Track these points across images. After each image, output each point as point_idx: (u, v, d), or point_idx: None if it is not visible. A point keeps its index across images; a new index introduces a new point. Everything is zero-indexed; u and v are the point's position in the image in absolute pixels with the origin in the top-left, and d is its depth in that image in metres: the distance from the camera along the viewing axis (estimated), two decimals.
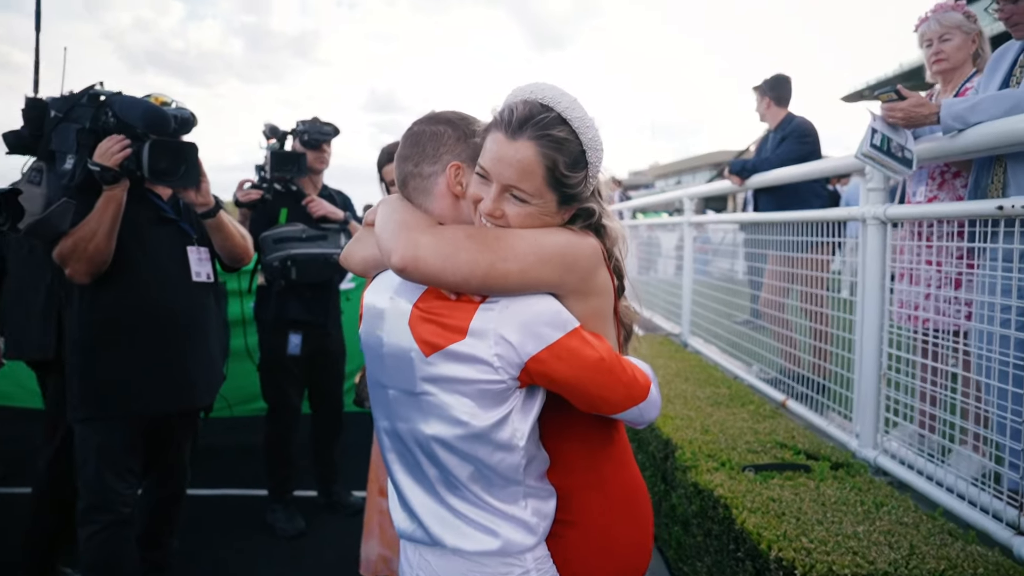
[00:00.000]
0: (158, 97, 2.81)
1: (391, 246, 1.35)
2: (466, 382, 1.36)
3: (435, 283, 1.35)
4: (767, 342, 4.66)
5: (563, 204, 1.42)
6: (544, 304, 1.37)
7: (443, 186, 1.47)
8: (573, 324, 1.37)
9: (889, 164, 2.67)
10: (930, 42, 3.11)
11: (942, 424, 2.87)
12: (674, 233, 8.41)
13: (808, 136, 4.68)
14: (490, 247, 1.33)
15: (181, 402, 2.75)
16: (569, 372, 1.36)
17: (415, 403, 1.45)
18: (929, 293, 2.94)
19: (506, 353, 1.34)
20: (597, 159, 1.43)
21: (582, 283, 1.41)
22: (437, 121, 1.50)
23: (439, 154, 1.47)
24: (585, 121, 1.38)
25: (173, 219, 2.82)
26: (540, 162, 1.34)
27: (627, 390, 1.42)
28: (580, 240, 1.42)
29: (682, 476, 2.89)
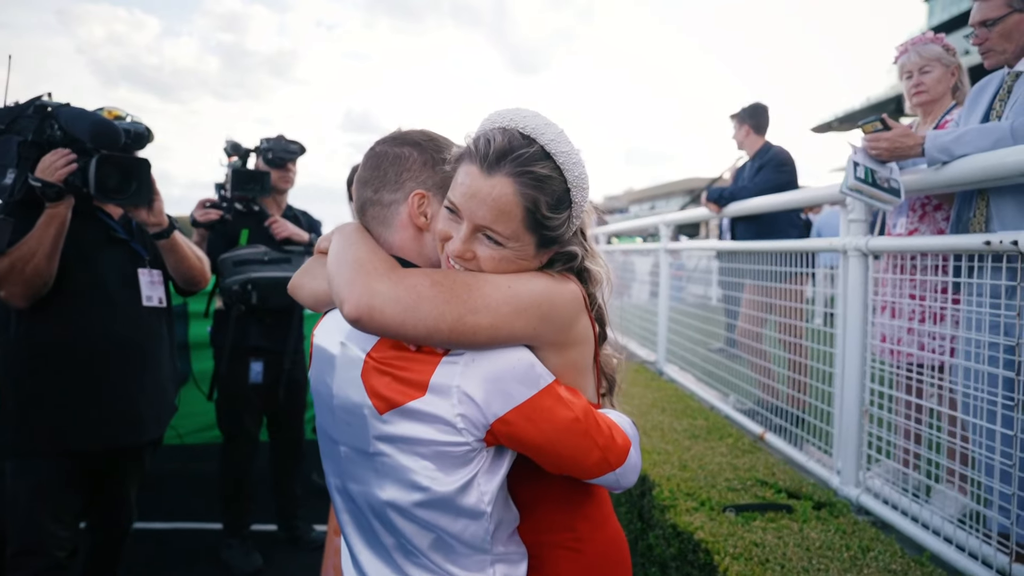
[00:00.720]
0: (112, 111, 2.65)
1: (344, 294, 1.19)
2: (425, 443, 1.21)
3: (394, 336, 1.20)
4: (744, 372, 4.58)
5: (542, 247, 1.29)
6: (515, 357, 1.23)
7: (405, 216, 1.34)
8: (547, 380, 1.24)
9: (877, 195, 2.60)
10: (910, 74, 3.08)
11: (924, 462, 2.78)
12: (648, 258, 8.37)
13: (785, 165, 4.65)
14: (458, 297, 1.19)
15: (126, 437, 2.56)
16: (539, 435, 1.23)
17: (368, 464, 1.29)
18: (911, 328, 2.87)
19: (470, 413, 1.20)
20: (582, 198, 1.29)
21: (560, 334, 1.28)
22: (402, 143, 1.37)
23: (402, 180, 1.34)
24: (571, 156, 1.25)
25: (124, 239, 2.65)
26: (519, 202, 1.21)
27: (603, 454, 1.28)
28: (559, 287, 1.28)
29: (660, 516, 2.76)
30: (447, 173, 1.31)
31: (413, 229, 1.34)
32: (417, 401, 1.20)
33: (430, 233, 1.33)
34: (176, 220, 2.76)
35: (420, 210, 1.32)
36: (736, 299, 4.63)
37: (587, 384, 1.38)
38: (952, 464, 2.68)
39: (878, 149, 2.58)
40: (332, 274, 1.24)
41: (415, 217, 1.33)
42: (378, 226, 1.36)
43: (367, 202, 1.37)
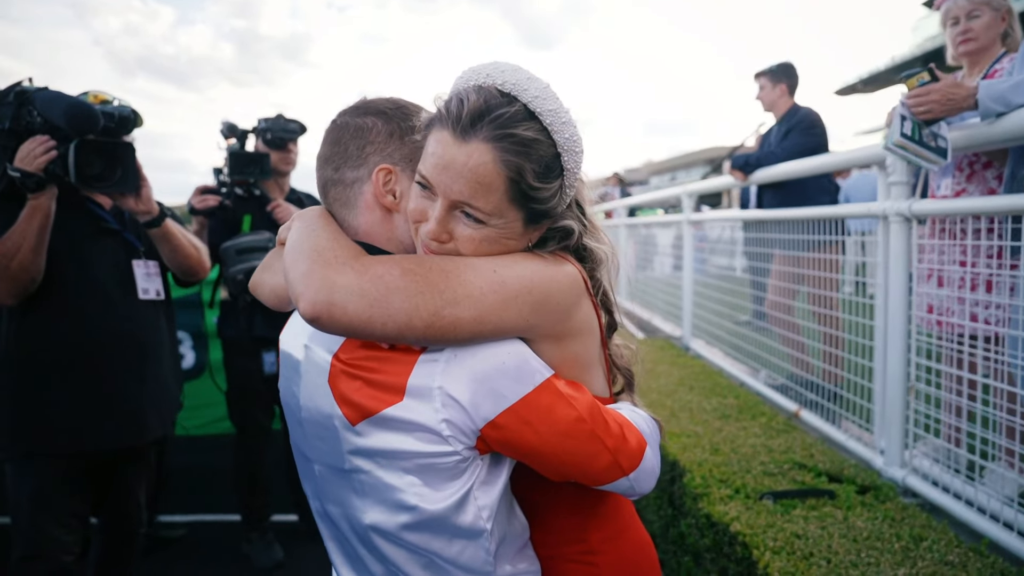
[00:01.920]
0: (98, 94, 2.50)
1: (299, 289, 1.02)
2: (408, 455, 1.05)
3: (360, 336, 1.03)
4: (774, 346, 4.38)
5: (531, 223, 1.11)
6: (504, 350, 1.06)
7: (369, 196, 1.16)
8: (544, 374, 1.08)
9: (922, 154, 2.38)
10: (956, 20, 2.82)
11: (977, 440, 2.59)
12: (670, 230, 8.14)
13: (815, 127, 4.38)
14: (434, 286, 1.02)
15: (128, 437, 2.45)
16: (538, 439, 1.06)
17: (346, 483, 1.13)
18: (961, 297, 2.65)
19: (456, 418, 1.03)
20: (575, 163, 1.10)
21: (557, 325, 1.11)
22: (365, 112, 1.19)
23: (365, 155, 1.16)
24: (560, 115, 1.06)
25: (116, 230, 2.52)
26: (500, 171, 1.02)
27: (613, 457, 1.11)
28: (555, 270, 1.10)
29: (692, 504, 2.60)
30: (418, 143, 1.13)
31: (380, 210, 1.16)
32: (394, 407, 1.04)
33: (401, 214, 1.16)
34: (169, 208, 2.62)
35: (387, 188, 1.15)
36: (763, 270, 4.42)
37: (594, 380, 1.20)
38: (1009, 443, 2.49)
39: (927, 104, 2.35)
40: (288, 267, 1.07)
41: (381, 196, 1.15)
42: (341, 209, 1.19)
43: (328, 182, 1.20)
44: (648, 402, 3.79)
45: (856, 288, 3.76)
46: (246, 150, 3.14)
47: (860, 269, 4.05)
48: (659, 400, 3.83)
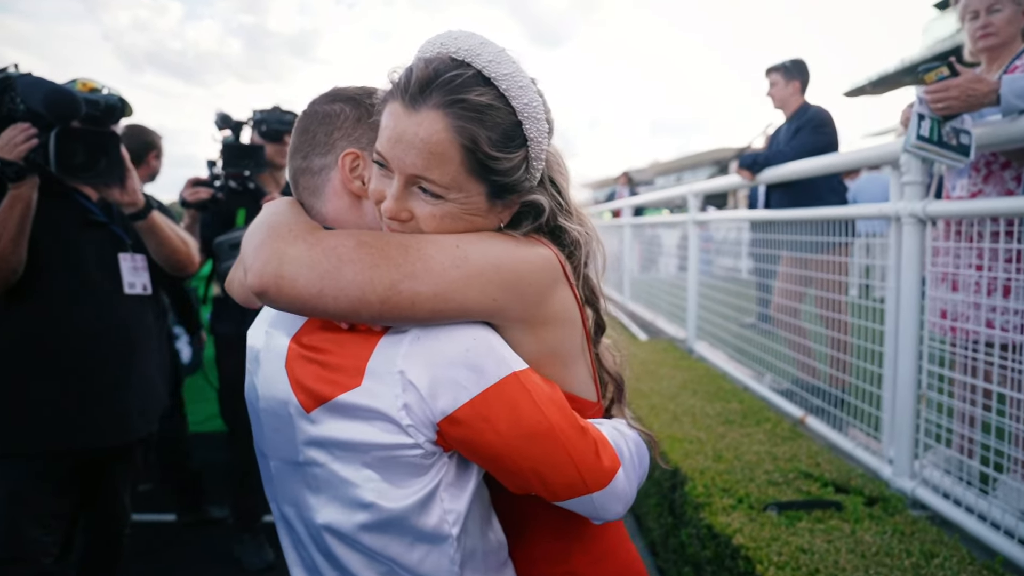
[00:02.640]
0: (87, 83, 2.42)
1: (249, 261, 0.97)
2: (366, 447, 0.97)
3: (311, 312, 0.96)
4: (780, 350, 4.28)
5: (496, 198, 1.03)
6: (471, 335, 0.98)
7: (337, 182, 1.11)
8: (513, 366, 0.99)
9: (943, 155, 2.28)
10: (976, 14, 2.72)
11: (988, 451, 2.49)
12: (675, 230, 8.05)
13: (826, 126, 4.27)
14: (391, 259, 0.95)
15: (110, 435, 2.37)
16: (497, 440, 0.96)
17: (300, 477, 1.05)
18: (976, 302, 2.56)
19: (416, 407, 0.95)
20: (539, 132, 1.02)
21: (530, 309, 1.02)
22: (334, 99, 1.14)
23: (332, 141, 1.12)
24: (516, 79, 0.99)
25: (103, 222, 2.44)
26: (453, 139, 0.95)
27: (579, 472, 1.01)
28: (526, 250, 1.02)
29: (693, 514, 2.51)
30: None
31: (348, 197, 1.11)
32: (351, 392, 0.96)
33: (371, 200, 1.08)
34: (157, 201, 2.54)
35: (354, 174, 1.09)
36: (769, 272, 4.32)
37: (577, 378, 1.11)
38: (1016, 452, 2.40)
39: (946, 100, 2.25)
40: (243, 247, 1.01)
41: (348, 181, 1.10)
42: (309, 197, 1.14)
43: (297, 172, 1.15)
44: (650, 405, 3.73)
45: (860, 291, 3.67)
46: (241, 142, 3.06)
47: (866, 272, 3.95)
48: (661, 404, 3.74)
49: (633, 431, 1.17)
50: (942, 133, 2.29)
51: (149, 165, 3.76)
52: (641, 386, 4.17)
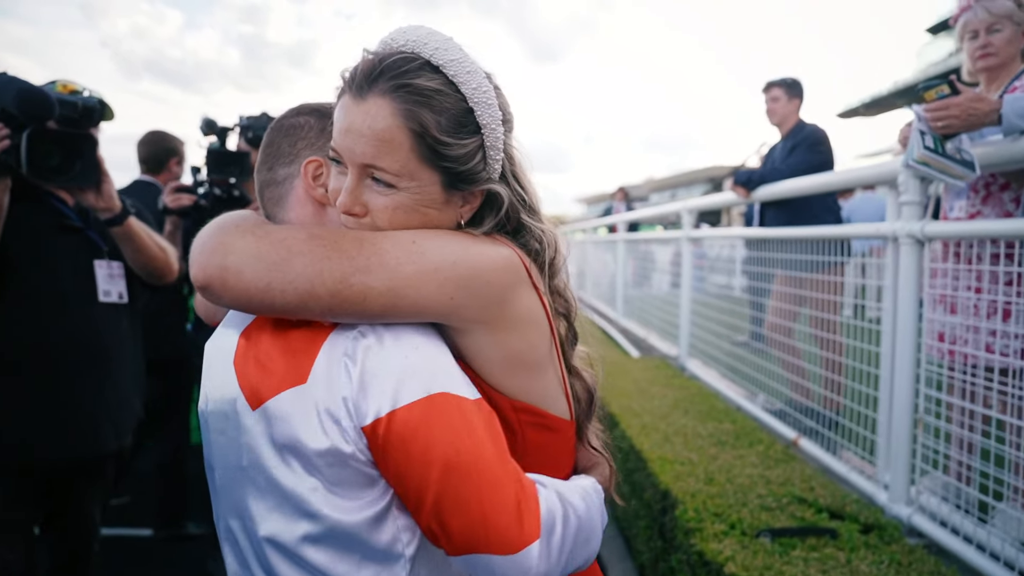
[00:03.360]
0: (67, 84, 2.35)
1: (193, 257, 0.94)
2: (309, 450, 0.91)
3: (258, 307, 0.92)
4: (773, 369, 4.22)
5: (452, 188, 0.99)
6: (415, 342, 0.93)
7: (300, 190, 1.10)
8: (447, 386, 0.92)
9: (948, 168, 2.23)
10: (975, 33, 2.68)
11: (985, 477, 2.43)
12: (668, 247, 8.01)
13: (821, 144, 4.24)
14: (343, 252, 0.91)
15: (81, 449, 2.28)
16: (405, 463, 0.89)
17: (244, 484, 0.99)
18: (975, 325, 2.50)
19: (352, 408, 0.90)
20: (492, 119, 0.99)
21: (490, 309, 0.97)
22: (299, 112, 1.15)
23: (296, 151, 1.11)
24: (463, 64, 0.97)
25: (78, 227, 2.36)
26: (401, 124, 0.93)
27: (483, 522, 0.88)
28: (485, 247, 0.98)
29: (684, 539, 2.43)
30: None
31: (311, 205, 1.09)
32: (296, 390, 0.91)
33: (334, 208, 1.04)
34: (134, 206, 2.46)
35: (318, 181, 1.07)
36: (762, 290, 4.27)
37: (548, 389, 1.05)
38: (1015, 480, 2.34)
39: (947, 118, 2.20)
40: (192, 248, 0.97)
41: (311, 188, 1.08)
42: (273, 207, 1.12)
43: (263, 184, 1.14)
44: (641, 424, 3.65)
45: (855, 311, 3.62)
46: (226, 148, 2.99)
47: (860, 292, 3.90)
48: (652, 423, 3.66)
49: (590, 503, 1.04)
50: (946, 149, 2.25)
51: (171, 171, 3.79)
52: (633, 404, 4.09)
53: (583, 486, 1.06)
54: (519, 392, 1.03)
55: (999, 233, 2.30)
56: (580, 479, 1.09)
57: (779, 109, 4.53)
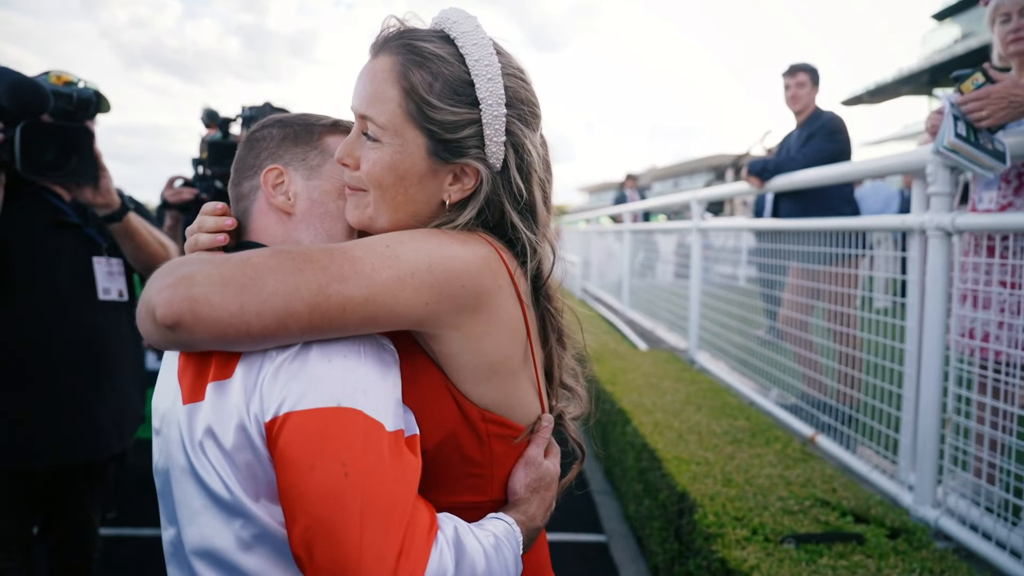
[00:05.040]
0: (61, 75, 2.26)
1: (154, 299, 0.85)
2: (234, 448, 0.87)
3: (234, 337, 0.84)
4: (787, 363, 4.13)
5: (437, 157, 0.97)
6: (344, 352, 0.87)
7: (263, 200, 1.08)
8: (364, 406, 0.85)
9: (977, 158, 2.13)
10: (1007, 16, 2.57)
11: (1017, 479, 2.35)
12: (671, 236, 7.91)
13: (839, 133, 4.11)
14: (316, 262, 0.86)
15: (82, 452, 2.20)
16: (283, 472, 0.82)
17: (181, 488, 0.93)
18: (1007, 322, 2.41)
19: (262, 402, 0.86)
20: (493, 96, 0.97)
21: (463, 313, 0.93)
22: (264, 125, 1.13)
23: (258, 162, 1.10)
24: (472, 38, 0.97)
25: (76, 224, 2.27)
26: (395, 80, 0.96)
27: (358, 562, 0.77)
28: (459, 247, 0.94)
29: (704, 544, 2.35)
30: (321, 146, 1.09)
31: (275, 214, 1.07)
32: (220, 383, 0.88)
33: (299, 217, 1.06)
34: (134, 201, 2.37)
35: (281, 190, 1.06)
36: (776, 284, 4.17)
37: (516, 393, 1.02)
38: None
39: (988, 108, 2.10)
40: (144, 294, 0.90)
41: (271, 197, 1.06)
42: (243, 222, 1.11)
43: (234, 201, 1.12)
44: (654, 422, 3.57)
45: (862, 303, 3.52)
46: (228, 140, 2.89)
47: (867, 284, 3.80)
48: (665, 420, 3.58)
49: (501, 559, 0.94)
50: (978, 136, 2.15)
51: None
52: (644, 400, 4.01)
53: (497, 534, 0.96)
54: (490, 401, 1.00)
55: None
56: (497, 523, 0.99)
57: (805, 95, 4.35)
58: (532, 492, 1.06)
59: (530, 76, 1.04)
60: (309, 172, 1.07)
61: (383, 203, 0.99)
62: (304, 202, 1.06)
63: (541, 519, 1.06)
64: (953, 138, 2.14)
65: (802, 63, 4.35)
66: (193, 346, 0.88)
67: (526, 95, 1.01)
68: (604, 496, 4.14)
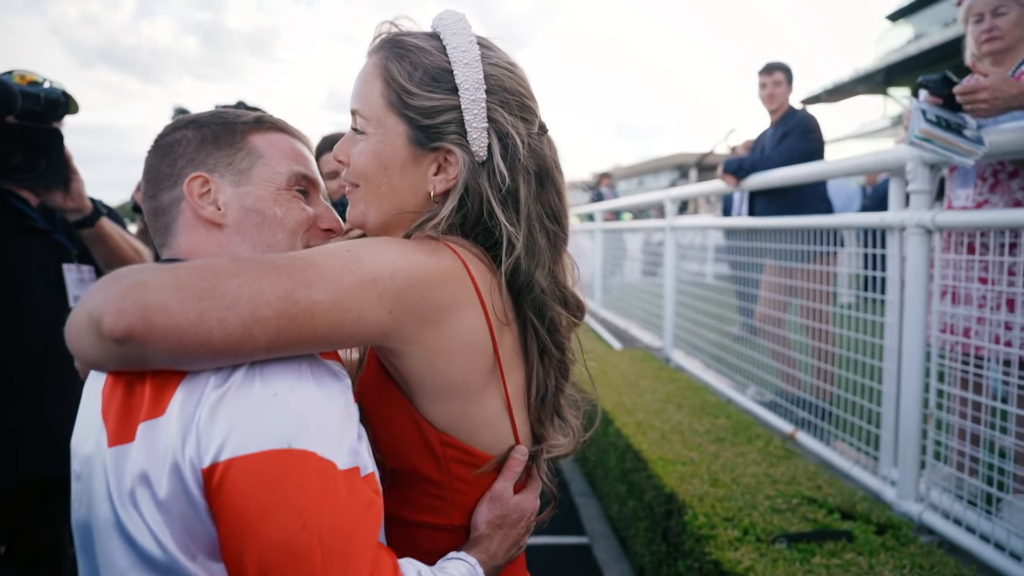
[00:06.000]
0: (25, 75, 2.16)
1: (100, 307, 0.75)
2: (162, 498, 0.78)
3: (194, 349, 0.76)
4: (763, 360, 4.17)
5: (418, 144, 0.97)
6: (290, 385, 0.80)
7: (188, 213, 0.97)
8: (309, 445, 0.77)
9: (955, 143, 2.15)
10: (980, 16, 2.61)
11: (990, 469, 2.39)
12: (638, 235, 7.96)
13: (813, 132, 4.16)
14: (279, 268, 0.80)
15: (51, 468, 2.10)
16: (228, 523, 0.75)
17: (100, 545, 0.83)
18: (982, 317, 2.45)
19: (198, 445, 0.77)
20: (471, 81, 0.95)
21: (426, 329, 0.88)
22: (175, 128, 1.02)
23: (177, 169, 0.99)
24: (454, 28, 0.98)
25: (44, 230, 2.18)
26: (378, 73, 0.98)
27: None
28: (425, 256, 0.90)
29: (695, 546, 2.34)
30: (246, 148, 0.99)
31: (203, 227, 0.97)
32: (151, 423, 0.79)
33: (233, 228, 0.97)
34: (106, 206, 2.28)
35: (205, 199, 0.97)
36: (750, 280, 4.20)
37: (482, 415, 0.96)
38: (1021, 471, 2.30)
39: (974, 103, 2.13)
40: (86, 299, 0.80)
41: (198, 208, 0.96)
42: (163, 238, 1.01)
43: (150, 215, 1.02)
44: (636, 423, 3.56)
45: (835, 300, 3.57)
46: None
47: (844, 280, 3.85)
48: (647, 421, 3.58)
49: None
50: (950, 125, 2.18)
51: None
52: (624, 400, 4.01)
53: None
54: (447, 424, 0.96)
55: (1014, 223, 2.24)
56: (459, 564, 0.95)
57: (781, 94, 4.38)
58: (495, 529, 1.00)
59: (522, 71, 1.03)
60: (238, 177, 0.98)
61: (370, 196, 0.99)
62: (236, 211, 0.97)
63: (503, 557, 1.01)
64: (924, 124, 2.16)
65: (778, 62, 4.38)
66: (143, 362, 0.78)
67: (512, 84, 0.99)
68: (585, 498, 4.13)
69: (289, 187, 1.00)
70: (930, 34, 29.47)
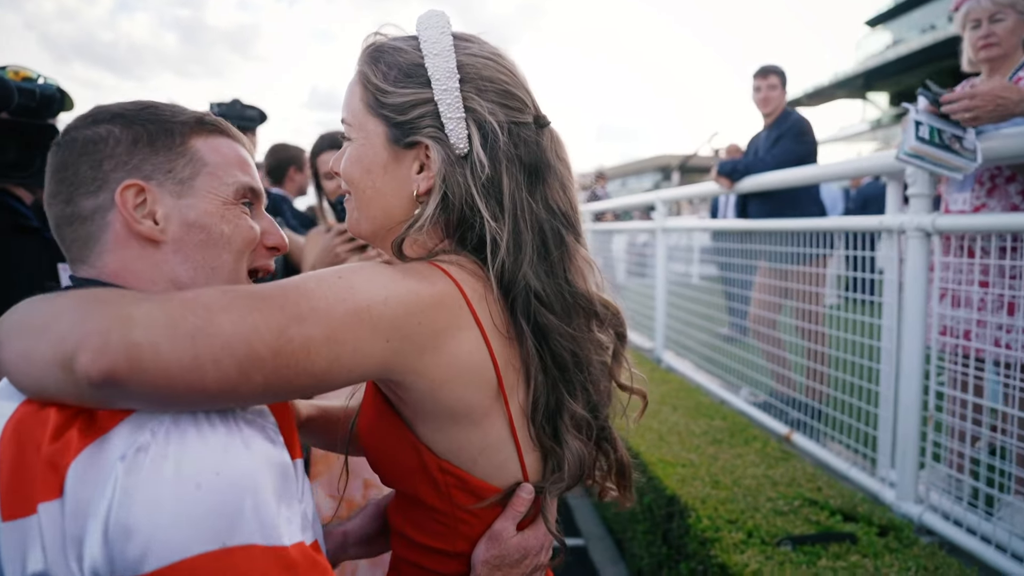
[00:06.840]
0: (19, 71, 2.10)
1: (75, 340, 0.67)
2: None
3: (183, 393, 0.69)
4: (756, 361, 4.18)
5: (395, 142, 0.93)
6: (215, 468, 0.69)
7: (118, 226, 0.84)
8: (250, 537, 0.68)
9: (944, 160, 2.17)
10: (977, 22, 2.64)
11: (992, 471, 2.41)
12: (623, 235, 7.99)
13: (807, 135, 4.19)
14: (270, 299, 0.74)
15: None
16: None
17: None
18: (980, 319, 2.47)
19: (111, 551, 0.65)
20: (442, 72, 0.91)
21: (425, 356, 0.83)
22: (95, 120, 0.87)
23: (102, 174, 0.84)
24: (427, 23, 0.95)
25: (37, 228, 2.12)
26: (358, 79, 0.97)
27: None
28: (415, 282, 0.84)
29: (699, 549, 2.33)
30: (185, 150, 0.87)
31: (136, 244, 0.84)
32: (45, 506, 0.66)
33: (170, 247, 0.85)
34: None
35: (141, 212, 0.84)
36: (741, 282, 4.22)
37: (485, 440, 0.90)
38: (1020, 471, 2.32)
39: (973, 110, 2.14)
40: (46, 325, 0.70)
41: (133, 222, 0.83)
42: (80, 251, 0.86)
43: (61, 222, 0.87)
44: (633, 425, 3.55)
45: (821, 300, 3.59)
46: None
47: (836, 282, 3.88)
48: (644, 422, 3.55)
49: None
50: (943, 138, 2.19)
51: (292, 179, 3.81)
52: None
53: None
54: (447, 451, 0.91)
55: (1014, 227, 2.26)
56: None
57: (775, 97, 4.38)
58: (492, 569, 0.95)
59: (509, 61, 0.98)
60: (180, 188, 0.86)
61: (359, 201, 0.97)
62: (177, 227, 0.85)
63: None
64: (915, 142, 2.18)
65: (773, 65, 4.39)
66: (113, 404, 0.70)
67: (491, 73, 0.94)
68: (579, 499, 4.12)
69: (236, 200, 0.90)
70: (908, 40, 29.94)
